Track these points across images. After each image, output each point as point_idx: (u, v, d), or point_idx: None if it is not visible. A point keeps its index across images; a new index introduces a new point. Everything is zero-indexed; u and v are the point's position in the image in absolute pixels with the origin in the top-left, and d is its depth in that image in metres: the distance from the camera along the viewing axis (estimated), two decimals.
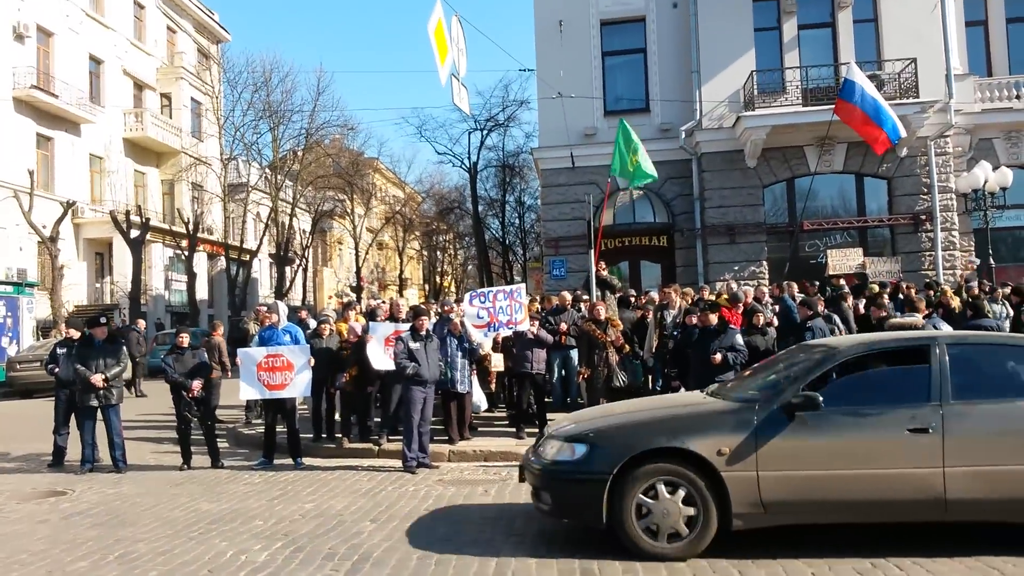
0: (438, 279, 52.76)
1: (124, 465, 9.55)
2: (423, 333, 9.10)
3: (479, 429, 10.74)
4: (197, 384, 9.32)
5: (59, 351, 10.45)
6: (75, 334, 10.67)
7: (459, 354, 9.93)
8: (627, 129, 13.22)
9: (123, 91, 35.09)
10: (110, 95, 34.05)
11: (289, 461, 9.62)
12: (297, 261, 38.89)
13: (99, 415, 9.58)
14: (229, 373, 13.07)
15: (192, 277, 30.14)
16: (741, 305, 11.41)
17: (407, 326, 10.13)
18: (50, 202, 28.56)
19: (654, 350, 10.59)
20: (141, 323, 20.44)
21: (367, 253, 45.03)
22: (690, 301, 11.45)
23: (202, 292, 34.36)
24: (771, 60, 19.52)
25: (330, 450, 10.24)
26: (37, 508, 7.73)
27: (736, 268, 18.76)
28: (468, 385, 10.06)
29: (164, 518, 7.14)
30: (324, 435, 10.77)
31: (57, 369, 10.09)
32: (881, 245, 19.24)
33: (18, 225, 28.30)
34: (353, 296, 36.62)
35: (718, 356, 8.52)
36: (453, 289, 51.19)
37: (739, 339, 8.88)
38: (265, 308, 12.74)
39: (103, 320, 9.97)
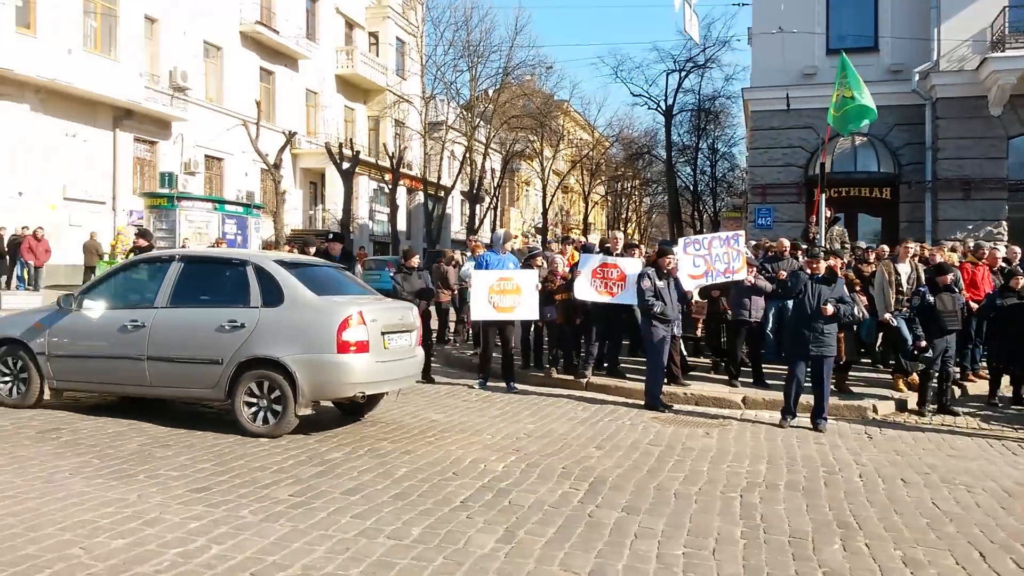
0: (622, 226, 52.22)
1: None
2: (666, 271, 8.97)
3: (691, 374, 10.50)
4: (423, 304, 9.76)
5: None
6: (311, 251, 11.49)
7: (675, 295, 9.68)
8: (847, 65, 12.20)
9: (335, 29, 36.88)
10: (324, 33, 35.90)
11: (502, 384, 9.90)
12: (487, 199, 39.75)
13: None
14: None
15: (394, 209, 31.66)
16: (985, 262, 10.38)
17: (613, 260, 10.04)
18: (272, 133, 30.80)
19: (892, 308, 9.80)
20: (457, 255, 16.16)
21: (553, 196, 45.25)
22: (932, 257, 10.54)
23: (401, 224, 36.04)
24: None
25: (539, 378, 10.44)
26: None
27: (970, 227, 17.00)
28: (681, 328, 9.86)
29: (399, 422, 7.59)
30: (532, 364, 11.02)
31: None
32: None
33: (244, 152, 30.77)
34: (538, 238, 37.18)
35: (829, 307, 7.82)
36: (637, 237, 50.49)
37: (846, 290, 8.22)
38: (475, 240, 13.07)
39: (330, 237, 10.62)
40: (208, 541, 4.20)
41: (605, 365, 10.56)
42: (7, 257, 20.60)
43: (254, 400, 6.74)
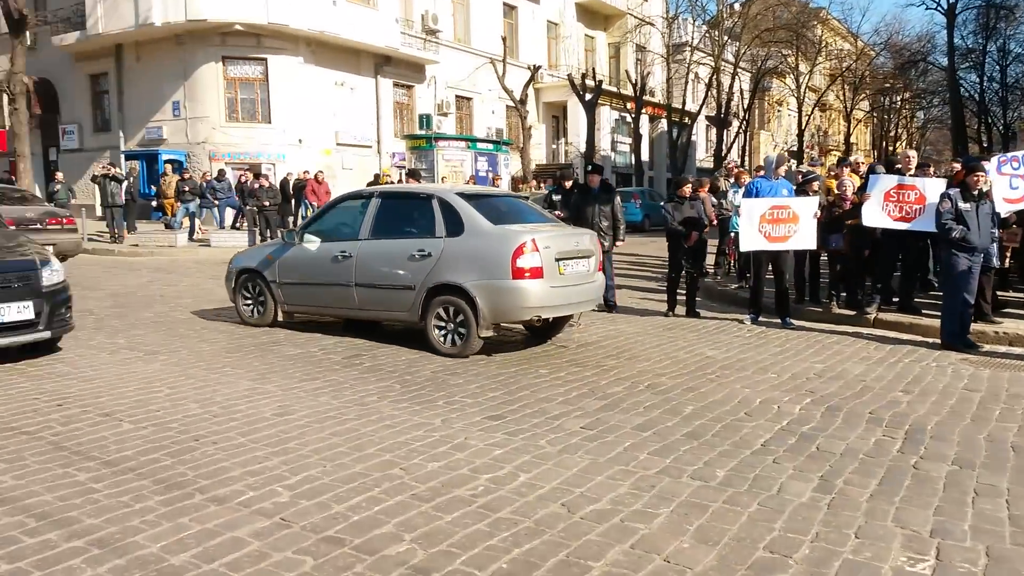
0: (890, 144, 47.27)
1: (614, 305, 10.15)
2: (975, 192, 7.78)
3: (1004, 311, 9.17)
4: (695, 234, 9.36)
5: (554, 198, 11.36)
6: (568, 183, 11.47)
7: (985, 222, 8.39)
8: None
9: None
10: None
11: (774, 319, 9.30)
12: (735, 123, 37.68)
13: None
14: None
15: (637, 139, 31.06)
16: None
17: (911, 180, 8.91)
18: (516, 68, 31.24)
19: None
20: (721, 182, 13.64)
21: (810, 115, 41.81)
22: None
23: (643, 154, 35.36)
24: None
25: (816, 313, 9.66)
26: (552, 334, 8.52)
27: None
28: (1000, 259, 8.57)
29: (673, 357, 7.34)
30: (807, 297, 10.25)
31: (558, 212, 10.89)
32: None
33: (491, 90, 31.61)
34: (793, 162, 34.66)
35: None
36: (912, 153, 45.63)
37: None
38: (735, 164, 12.28)
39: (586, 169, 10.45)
40: (514, 469, 4.26)
41: (894, 300, 9.56)
42: (292, 200, 22.88)
43: (442, 323, 7.31)
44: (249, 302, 8.77)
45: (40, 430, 4.86)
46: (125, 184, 19.98)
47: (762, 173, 10.56)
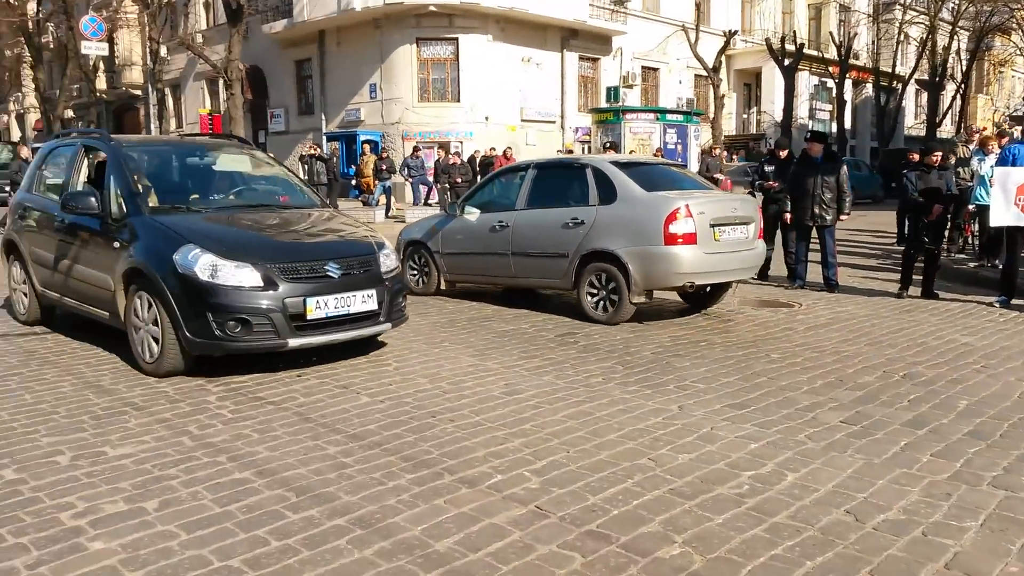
0: None
1: (836, 285, 9.34)
2: None
3: None
4: (939, 207, 8.37)
5: (767, 168, 10.63)
6: (783, 153, 10.71)
7: None
8: None
9: None
10: None
11: None
12: (951, 87, 34.09)
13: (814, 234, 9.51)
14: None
15: (841, 105, 28.85)
16: None
17: None
18: (706, 35, 29.89)
19: None
20: (960, 149, 12.23)
21: None
22: None
23: (845, 121, 32.89)
24: None
25: None
26: (773, 316, 7.92)
27: None
28: None
29: (922, 344, 6.56)
30: None
31: (772, 183, 10.17)
32: None
33: (678, 59, 30.54)
34: (1017, 130, 30.85)
35: None
36: None
37: None
38: (978, 130, 10.91)
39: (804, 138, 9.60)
40: (777, 466, 3.84)
41: None
42: (479, 176, 23.22)
43: (595, 291, 7.43)
44: (415, 272, 9.14)
45: (285, 400, 5.01)
46: (328, 164, 21.09)
47: (1007, 140, 9.30)
